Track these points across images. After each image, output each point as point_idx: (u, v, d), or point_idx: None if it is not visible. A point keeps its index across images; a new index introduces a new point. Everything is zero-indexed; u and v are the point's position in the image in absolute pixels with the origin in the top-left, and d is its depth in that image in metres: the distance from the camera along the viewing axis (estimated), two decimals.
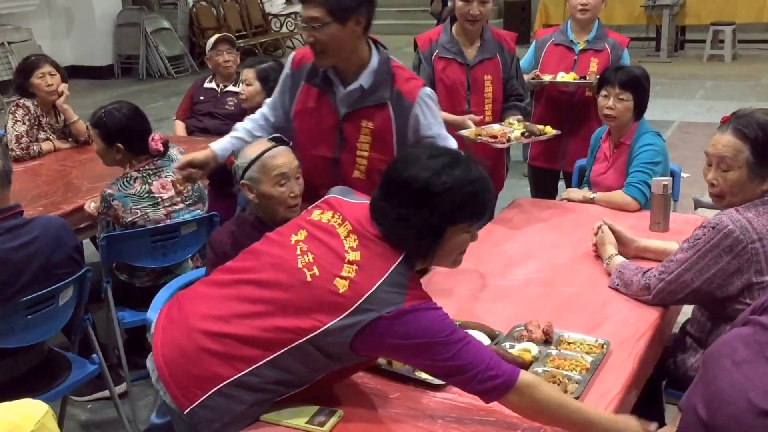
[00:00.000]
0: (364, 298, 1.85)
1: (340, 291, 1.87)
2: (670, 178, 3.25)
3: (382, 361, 2.21)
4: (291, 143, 2.73)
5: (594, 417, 1.93)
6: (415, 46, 4.93)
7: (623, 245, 2.85)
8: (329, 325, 1.87)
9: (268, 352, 1.91)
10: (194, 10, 12.51)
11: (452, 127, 3.33)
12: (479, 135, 3.22)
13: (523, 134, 3.19)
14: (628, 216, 3.32)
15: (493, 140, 3.02)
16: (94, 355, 3.00)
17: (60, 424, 2.72)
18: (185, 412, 1.94)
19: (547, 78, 4.04)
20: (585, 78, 3.98)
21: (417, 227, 1.90)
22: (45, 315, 2.73)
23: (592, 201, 3.49)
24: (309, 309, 1.89)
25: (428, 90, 2.83)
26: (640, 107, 3.52)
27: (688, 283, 2.40)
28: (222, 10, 12.82)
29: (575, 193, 3.61)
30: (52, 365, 2.93)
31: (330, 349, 1.90)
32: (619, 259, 2.74)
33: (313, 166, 2.79)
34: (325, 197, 2.13)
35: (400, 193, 1.92)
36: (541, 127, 3.44)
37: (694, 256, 2.38)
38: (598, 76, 3.87)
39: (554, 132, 3.32)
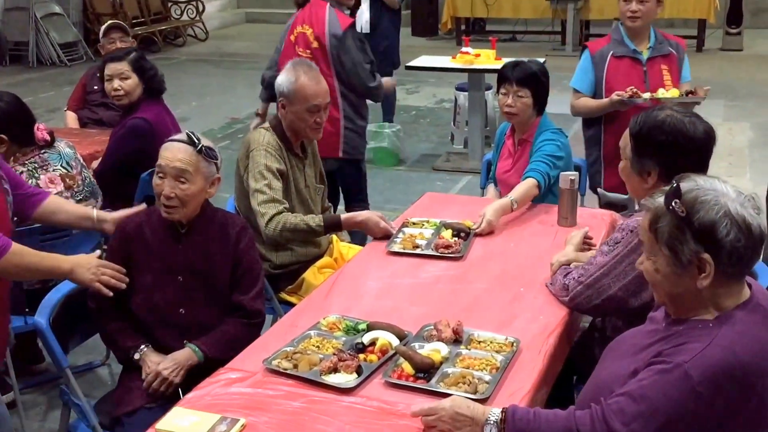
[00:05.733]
0: None
1: None
2: (577, 173, 3.26)
3: (287, 365, 2.14)
4: None
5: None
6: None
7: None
8: None
9: None
10: None
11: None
12: (416, 247, 2.95)
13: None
14: (537, 212, 3.30)
15: (448, 250, 2.91)
16: None
17: None
18: None
19: (646, 96, 3.67)
20: (692, 93, 3.70)
21: None
22: None
23: (512, 210, 3.21)
24: None
25: None
26: (540, 103, 3.48)
27: (605, 289, 2.40)
28: None
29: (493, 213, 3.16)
30: None
31: None
32: (563, 258, 2.66)
33: None
34: None
35: None
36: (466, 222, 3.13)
37: (612, 261, 2.38)
38: (706, 89, 3.70)
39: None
